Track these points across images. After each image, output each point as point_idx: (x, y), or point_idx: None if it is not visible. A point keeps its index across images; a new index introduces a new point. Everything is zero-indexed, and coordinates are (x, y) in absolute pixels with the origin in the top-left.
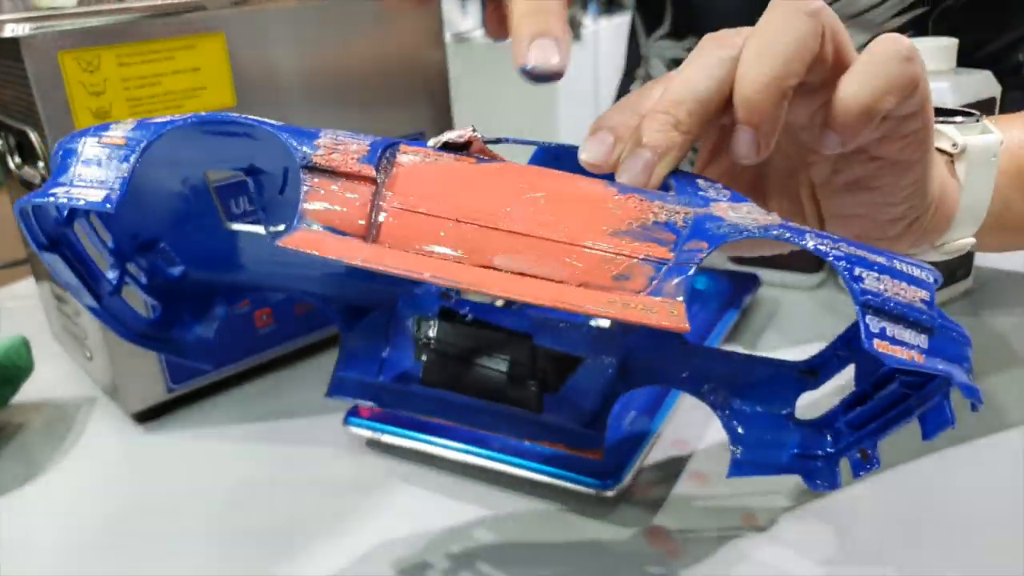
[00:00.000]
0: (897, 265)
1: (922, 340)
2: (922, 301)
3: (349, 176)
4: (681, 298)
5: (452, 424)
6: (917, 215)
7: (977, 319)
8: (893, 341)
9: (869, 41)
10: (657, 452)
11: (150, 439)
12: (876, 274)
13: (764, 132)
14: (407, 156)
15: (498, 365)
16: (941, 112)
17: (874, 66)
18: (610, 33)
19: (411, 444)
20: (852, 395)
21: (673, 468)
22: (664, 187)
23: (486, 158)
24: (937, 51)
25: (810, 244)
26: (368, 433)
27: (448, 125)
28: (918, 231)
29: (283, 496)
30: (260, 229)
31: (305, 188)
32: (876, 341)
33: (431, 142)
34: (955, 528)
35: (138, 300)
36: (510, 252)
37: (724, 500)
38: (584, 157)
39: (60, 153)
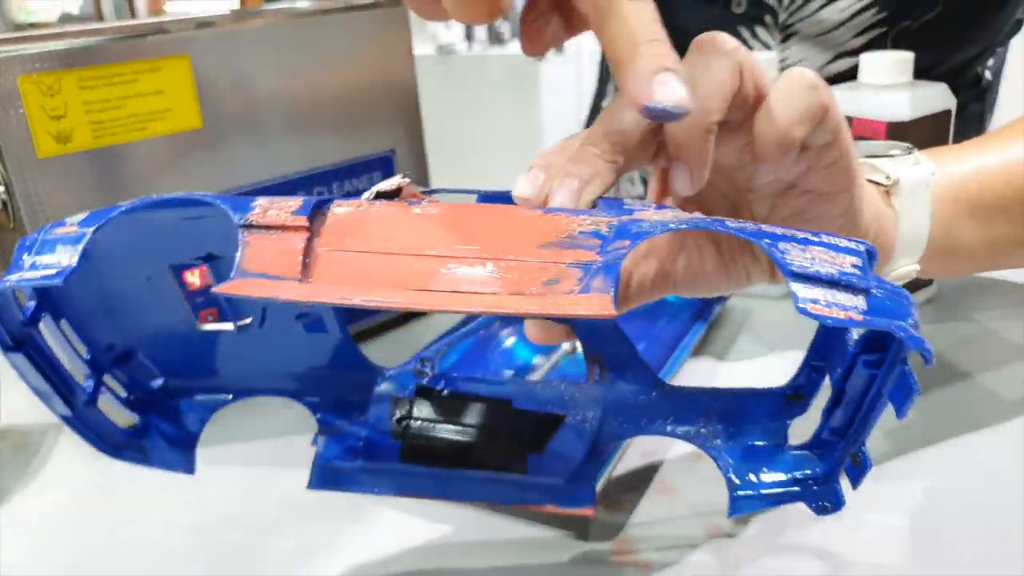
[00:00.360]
0: (824, 238)
1: (859, 301)
2: (853, 266)
3: (283, 228)
4: (609, 291)
5: (439, 499)
6: None
7: (941, 326)
8: (828, 304)
9: (833, 60)
10: (625, 464)
11: (118, 464)
12: (800, 246)
13: (695, 167)
14: (340, 208)
15: (478, 434)
16: (876, 147)
17: (783, 99)
18: (593, 46)
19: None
20: (830, 400)
21: (641, 479)
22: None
23: (416, 201)
24: (894, 65)
25: (732, 227)
26: None
27: (419, 143)
28: None
29: (255, 520)
30: (229, 326)
31: (242, 244)
32: (810, 305)
33: (364, 195)
34: (921, 535)
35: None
36: (442, 274)
37: (691, 511)
38: (516, 192)
39: (17, 249)
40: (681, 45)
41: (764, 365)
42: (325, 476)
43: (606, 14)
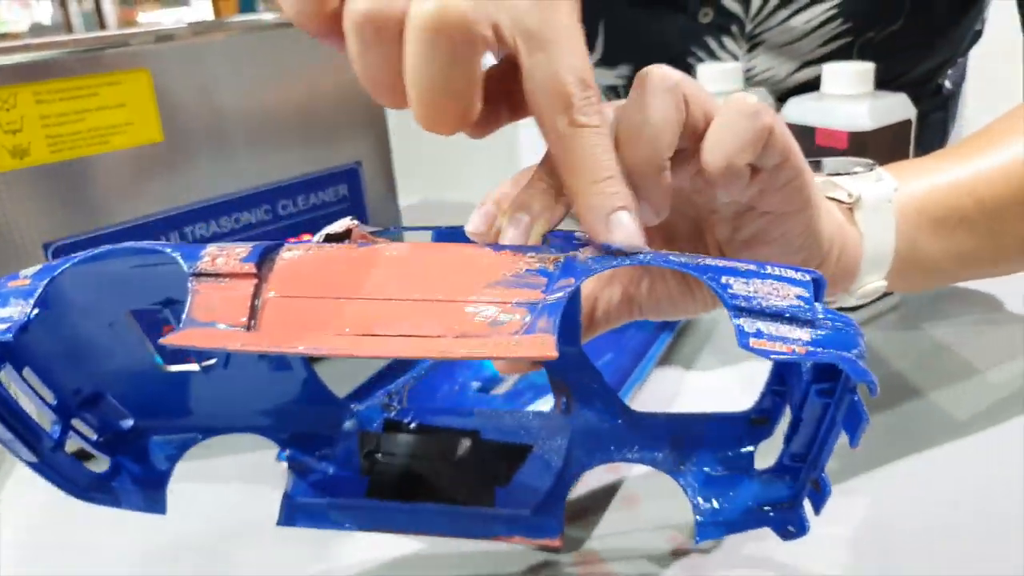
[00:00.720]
0: (768, 270)
1: (803, 334)
2: (798, 298)
3: (231, 275)
4: (552, 332)
5: (407, 533)
6: (817, 263)
7: (906, 332)
8: (771, 338)
9: (798, 69)
10: (589, 476)
11: None
12: (744, 279)
13: (654, 200)
14: (289, 252)
15: (445, 467)
16: (839, 164)
17: (724, 127)
18: None
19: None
20: (789, 427)
21: (605, 492)
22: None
23: (366, 242)
24: (855, 75)
25: (675, 261)
26: None
27: (386, 155)
28: (826, 278)
29: (222, 535)
30: (195, 366)
31: (191, 293)
32: (752, 340)
33: (314, 238)
34: (889, 542)
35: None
36: (390, 318)
37: (655, 523)
38: (469, 228)
39: None
40: (652, 58)
41: (731, 374)
42: (293, 513)
43: (566, 146)
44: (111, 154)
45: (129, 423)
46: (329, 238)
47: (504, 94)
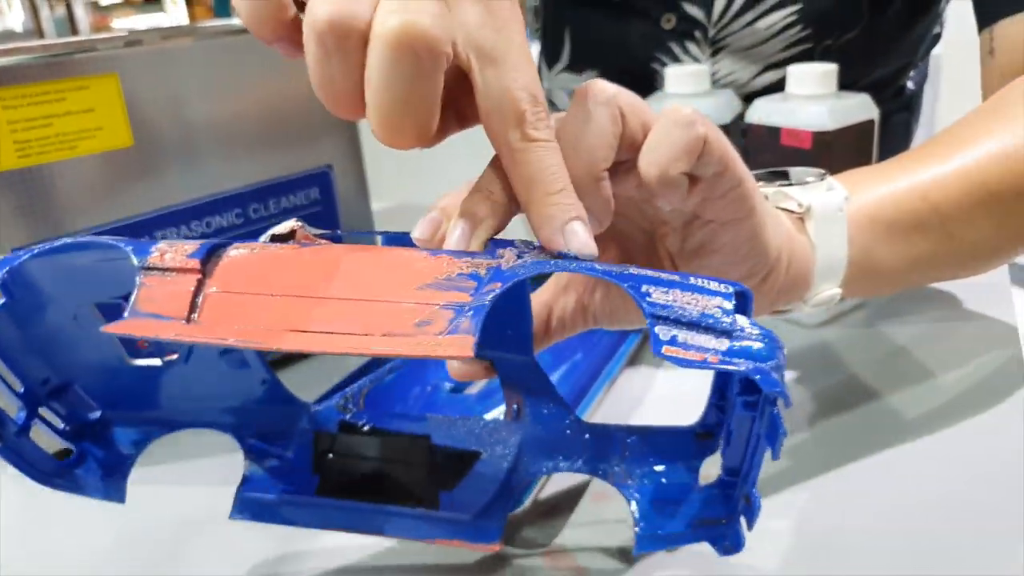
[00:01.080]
0: (692, 281)
1: (719, 344)
2: (718, 308)
3: (177, 270)
4: (473, 333)
5: (354, 532)
6: (765, 272)
7: (872, 330)
8: (685, 347)
9: (761, 72)
10: (559, 474)
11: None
12: (664, 288)
13: (595, 210)
14: (235, 250)
15: (395, 469)
16: (794, 174)
17: (659, 137)
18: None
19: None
20: (723, 441)
21: (575, 489)
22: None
23: (309, 243)
24: (819, 76)
25: (599, 269)
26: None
27: (357, 158)
28: (774, 288)
29: (196, 541)
30: (157, 361)
31: (138, 285)
32: (666, 348)
33: (261, 238)
34: (848, 542)
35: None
36: (321, 316)
37: (626, 518)
38: (415, 235)
39: None
40: (617, 63)
41: (700, 375)
42: (246, 507)
43: (520, 160)
44: (81, 159)
45: (96, 414)
46: (275, 238)
47: (450, 102)
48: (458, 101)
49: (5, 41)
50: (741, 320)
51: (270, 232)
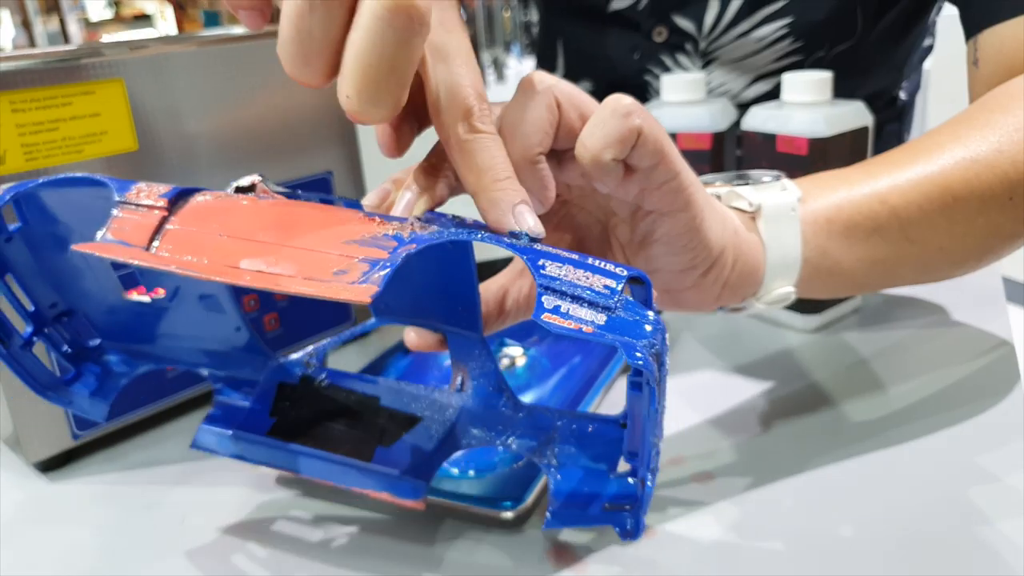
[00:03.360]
0: (588, 260)
1: (597, 317)
2: (605, 287)
3: (148, 207)
4: (378, 284)
5: (294, 473)
6: (707, 265)
7: (864, 334)
8: (565, 316)
9: (752, 83)
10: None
11: (55, 488)
12: (559, 264)
13: (535, 191)
14: (201, 196)
15: (340, 422)
16: (753, 175)
17: (594, 125)
18: (525, 70)
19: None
20: (626, 426)
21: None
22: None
23: (267, 196)
24: (813, 84)
25: (505, 242)
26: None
27: (356, 164)
28: (719, 281)
29: (193, 542)
30: (146, 298)
31: (112, 216)
32: (546, 315)
33: (227, 189)
34: (839, 543)
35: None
36: (257, 256)
37: None
38: (365, 202)
39: None
40: (608, 75)
41: (693, 379)
42: (204, 439)
43: (467, 149)
44: (86, 162)
45: (96, 341)
46: (238, 190)
47: (410, 107)
48: (414, 100)
49: None
50: (629, 301)
51: (234, 184)
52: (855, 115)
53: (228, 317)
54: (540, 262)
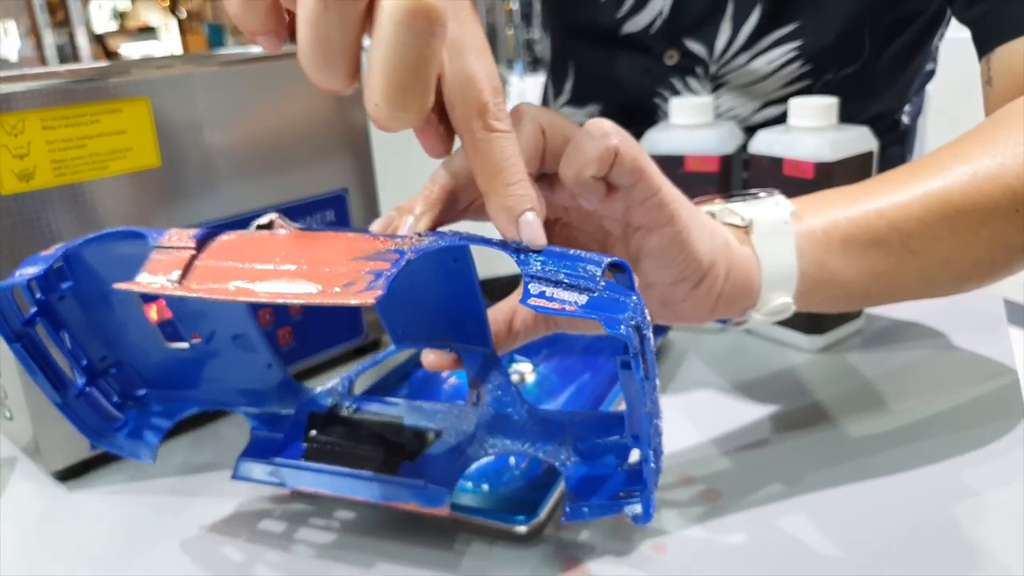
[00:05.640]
0: (571, 252)
1: (579, 298)
2: (587, 272)
3: (179, 248)
4: (380, 290)
5: (330, 493)
6: (698, 278)
7: (867, 355)
8: (550, 299)
9: (761, 108)
10: None
11: (73, 497)
12: (543, 255)
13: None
14: (226, 235)
15: (367, 443)
16: (747, 193)
17: (575, 146)
18: (536, 91)
19: (334, 492)
20: (629, 413)
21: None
22: None
23: (284, 230)
24: (819, 109)
25: (495, 242)
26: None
27: (370, 182)
28: (712, 293)
29: (209, 551)
30: (185, 344)
31: (148, 259)
32: (532, 299)
33: (250, 227)
34: (835, 565)
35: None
36: (274, 278)
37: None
38: (373, 228)
39: (19, 266)
40: (618, 97)
41: (703, 396)
42: (244, 471)
43: (482, 149)
44: (111, 178)
45: (142, 391)
46: (258, 228)
47: (438, 105)
48: (440, 98)
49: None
50: (611, 284)
51: (255, 223)
52: (860, 140)
53: (260, 355)
54: (524, 256)
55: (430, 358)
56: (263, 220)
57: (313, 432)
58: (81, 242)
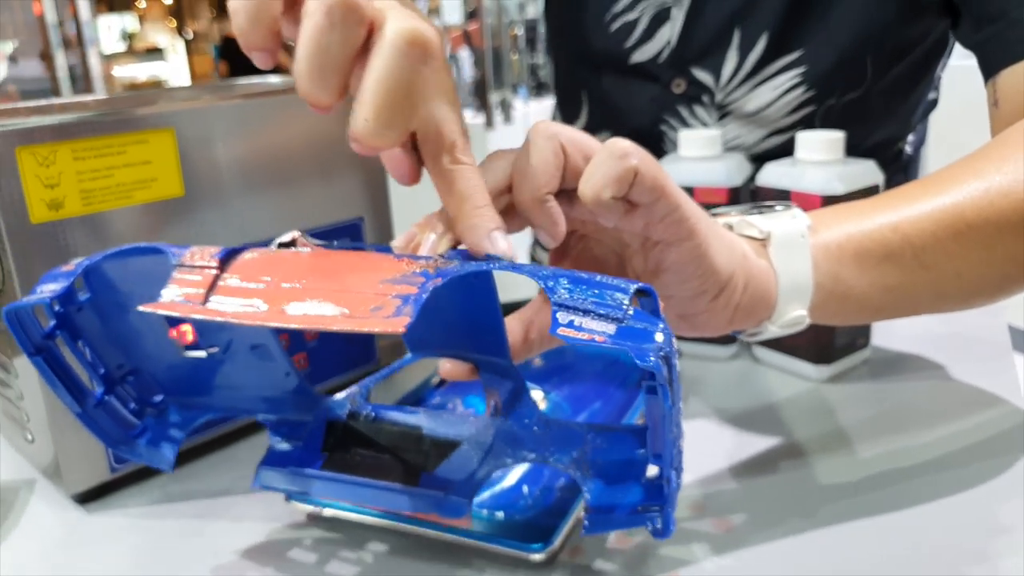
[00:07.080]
0: (598, 278)
1: (609, 328)
2: (614, 300)
3: (201, 267)
4: (408, 316)
5: (350, 502)
6: (717, 290)
7: (875, 384)
8: (579, 329)
9: (767, 137)
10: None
11: (92, 520)
12: (570, 282)
13: (544, 227)
14: (249, 254)
15: (386, 452)
16: (764, 205)
17: (595, 166)
18: (540, 116)
19: (351, 516)
20: (651, 432)
21: None
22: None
23: (306, 248)
24: (827, 143)
25: (525, 269)
26: (310, 508)
27: (386, 210)
28: (730, 305)
29: (227, 574)
30: (202, 353)
31: (171, 278)
32: (561, 329)
33: (271, 245)
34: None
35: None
36: (300, 300)
37: (652, 558)
38: (394, 244)
39: (39, 281)
40: (627, 125)
41: (712, 424)
42: (264, 478)
43: (450, 179)
44: (135, 207)
45: (159, 398)
46: (281, 245)
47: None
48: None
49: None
50: (638, 312)
51: (277, 240)
52: (866, 174)
53: (278, 364)
54: (550, 284)
55: (447, 367)
56: (285, 238)
57: (332, 441)
58: (101, 257)
